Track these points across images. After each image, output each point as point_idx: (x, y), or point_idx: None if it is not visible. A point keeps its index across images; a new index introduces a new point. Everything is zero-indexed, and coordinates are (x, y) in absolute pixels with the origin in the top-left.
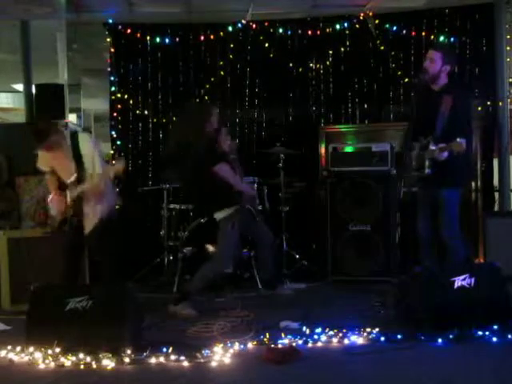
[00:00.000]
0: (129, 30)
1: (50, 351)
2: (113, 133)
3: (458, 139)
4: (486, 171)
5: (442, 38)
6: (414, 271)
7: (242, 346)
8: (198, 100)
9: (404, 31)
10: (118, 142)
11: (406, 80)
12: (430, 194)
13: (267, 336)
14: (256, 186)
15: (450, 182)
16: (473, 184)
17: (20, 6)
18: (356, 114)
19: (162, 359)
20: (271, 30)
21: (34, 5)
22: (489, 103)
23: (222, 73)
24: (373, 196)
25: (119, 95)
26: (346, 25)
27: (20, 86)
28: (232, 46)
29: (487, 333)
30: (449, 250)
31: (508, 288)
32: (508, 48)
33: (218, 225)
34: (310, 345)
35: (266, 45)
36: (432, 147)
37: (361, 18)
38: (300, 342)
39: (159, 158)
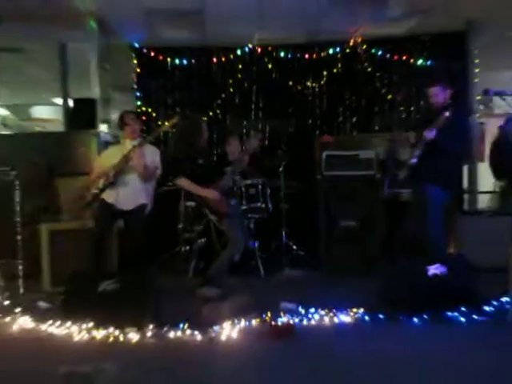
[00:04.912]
0: (152, 53)
1: (83, 326)
2: None
3: (447, 113)
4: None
5: (420, 61)
6: (394, 261)
7: (247, 323)
8: (211, 113)
9: (388, 55)
10: None
11: (389, 97)
12: (418, 190)
13: (268, 315)
14: (261, 186)
15: (435, 180)
16: None
17: (59, 30)
18: (346, 125)
19: (179, 333)
20: (274, 54)
21: (70, 29)
22: None
23: (231, 90)
24: (360, 196)
25: (144, 108)
26: (338, 49)
27: (59, 100)
28: (240, 66)
29: (456, 314)
30: (428, 242)
31: (474, 275)
32: (477, 70)
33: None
34: (305, 323)
35: (270, 66)
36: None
37: (351, 43)
38: (296, 320)
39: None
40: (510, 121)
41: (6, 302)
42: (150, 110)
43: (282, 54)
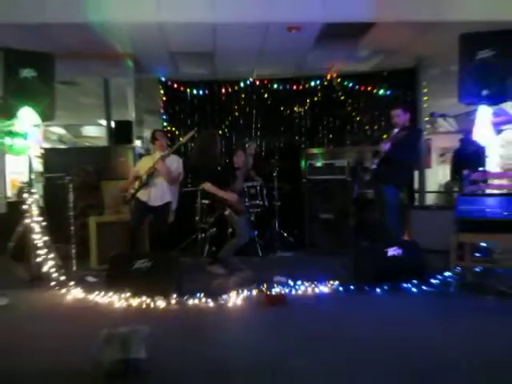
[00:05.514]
0: (175, 85)
1: (122, 296)
2: None
3: (396, 129)
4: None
5: (381, 91)
6: (362, 245)
7: (248, 293)
8: (220, 131)
9: (356, 86)
10: None
11: (358, 119)
12: (379, 191)
13: (265, 286)
14: (259, 187)
15: (389, 181)
16: None
17: (104, 68)
18: (324, 140)
19: (196, 301)
20: (269, 85)
21: (112, 67)
22: None
23: (236, 113)
24: (335, 195)
25: (169, 128)
26: (318, 82)
27: (103, 121)
28: (243, 95)
29: (410, 285)
30: (387, 230)
31: (423, 256)
32: (425, 98)
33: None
34: (293, 292)
35: (266, 95)
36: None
37: (328, 77)
38: (287, 290)
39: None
40: (467, 135)
41: (62, 278)
42: (173, 129)
43: (275, 86)
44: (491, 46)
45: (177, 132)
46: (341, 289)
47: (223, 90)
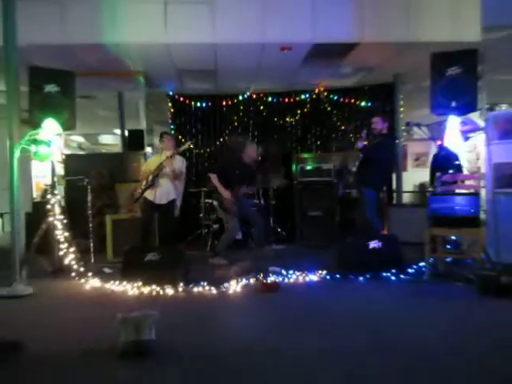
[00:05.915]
0: (181, 98)
1: (135, 284)
2: None
3: (363, 134)
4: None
5: (363, 103)
6: (346, 239)
7: (247, 281)
8: (221, 139)
9: (341, 99)
10: None
11: (342, 128)
12: (359, 191)
13: (261, 275)
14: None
15: (367, 184)
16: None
17: (118, 83)
18: (313, 147)
19: (200, 289)
20: (264, 98)
21: (126, 83)
22: None
23: (235, 123)
24: (323, 195)
25: (175, 136)
26: (307, 95)
27: (118, 131)
28: (241, 107)
29: (388, 274)
30: (368, 226)
31: (400, 248)
32: (402, 109)
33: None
34: (286, 280)
35: (261, 107)
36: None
37: (316, 91)
38: (280, 279)
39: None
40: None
41: (82, 269)
42: (180, 137)
43: (270, 99)
44: (459, 64)
45: (183, 140)
46: (328, 277)
47: (224, 103)
